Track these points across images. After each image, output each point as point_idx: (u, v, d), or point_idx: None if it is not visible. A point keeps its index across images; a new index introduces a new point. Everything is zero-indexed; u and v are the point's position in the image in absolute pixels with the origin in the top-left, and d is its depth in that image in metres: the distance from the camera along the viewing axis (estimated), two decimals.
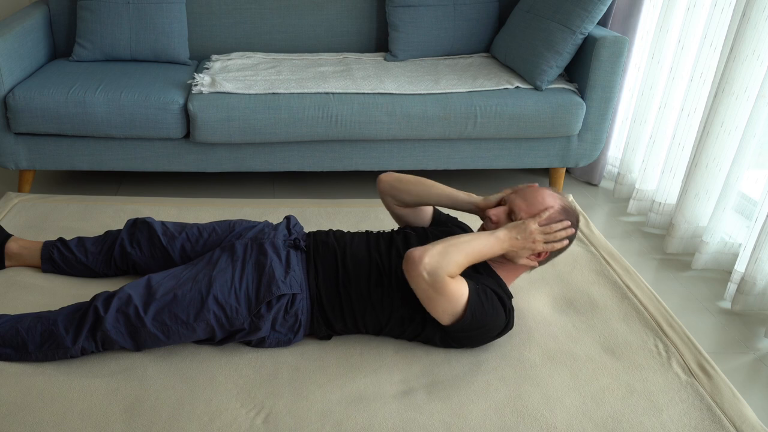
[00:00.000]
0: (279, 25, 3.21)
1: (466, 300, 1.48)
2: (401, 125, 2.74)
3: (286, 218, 1.83)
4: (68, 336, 1.49)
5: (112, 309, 1.50)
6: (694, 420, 1.45)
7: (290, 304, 1.57)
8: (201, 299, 1.53)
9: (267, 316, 1.54)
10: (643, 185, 2.93)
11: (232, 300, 1.53)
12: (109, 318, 1.49)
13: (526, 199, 1.62)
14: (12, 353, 1.49)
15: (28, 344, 1.49)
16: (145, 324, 1.50)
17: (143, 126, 2.65)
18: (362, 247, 1.68)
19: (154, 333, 1.51)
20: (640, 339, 1.70)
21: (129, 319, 1.50)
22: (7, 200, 2.22)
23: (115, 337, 1.50)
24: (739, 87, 2.34)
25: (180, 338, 1.53)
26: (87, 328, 1.49)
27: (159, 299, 1.52)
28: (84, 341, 1.49)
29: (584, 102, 2.83)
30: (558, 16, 2.80)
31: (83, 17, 2.92)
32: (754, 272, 2.26)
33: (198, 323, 1.52)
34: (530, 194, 1.62)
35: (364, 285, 1.60)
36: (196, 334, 1.53)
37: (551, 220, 1.59)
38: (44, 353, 1.49)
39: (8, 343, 1.49)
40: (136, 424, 1.36)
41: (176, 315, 1.51)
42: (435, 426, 1.39)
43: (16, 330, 1.50)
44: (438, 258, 1.44)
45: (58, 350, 1.49)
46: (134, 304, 1.51)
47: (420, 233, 1.75)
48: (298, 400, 1.44)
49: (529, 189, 1.65)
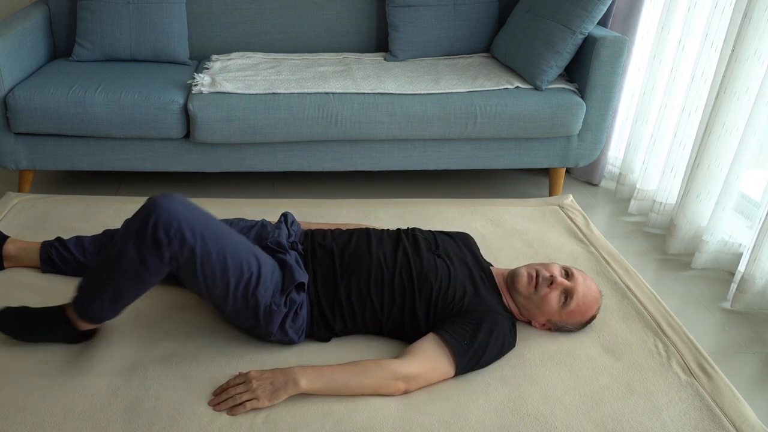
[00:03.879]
0: (279, 25, 3.21)
1: (455, 368, 1.50)
2: (401, 125, 2.74)
3: (283, 215, 1.81)
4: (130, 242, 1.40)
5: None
6: (694, 420, 1.45)
7: (300, 307, 1.57)
8: (251, 253, 1.49)
9: (281, 311, 1.53)
10: (644, 185, 2.93)
11: (267, 274, 1.51)
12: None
13: (583, 299, 1.65)
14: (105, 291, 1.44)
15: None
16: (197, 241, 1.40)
17: (143, 126, 2.65)
18: (363, 244, 1.68)
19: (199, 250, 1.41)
20: (640, 339, 1.70)
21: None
22: (7, 200, 2.22)
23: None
24: (740, 87, 2.34)
25: (212, 278, 1.44)
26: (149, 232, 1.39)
27: (215, 232, 1.45)
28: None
29: (584, 102, 2.83)
30: (558, 16, 2.80)
31: (83, 17, 2.92)
32: (754, 271, 2.26)
33: (233, 273, 1.45)
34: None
35: (364, 282, 1.60)
36: (225, 284, 1.46)
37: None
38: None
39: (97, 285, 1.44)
40: (136, 424, 1.36)
41: (224, 253, 1.44)
42: (435, 426, 1.39)
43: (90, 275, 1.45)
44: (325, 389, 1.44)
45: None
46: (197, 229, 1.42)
47: (428, 236, 1.76)
48: (298, 400, 1.44)
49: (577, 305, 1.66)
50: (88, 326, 1.52)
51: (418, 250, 1.68)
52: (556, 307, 1.63)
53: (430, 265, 1.63)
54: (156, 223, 1.37)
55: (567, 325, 1.67)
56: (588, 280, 1.68)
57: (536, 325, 1.70)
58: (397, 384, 1.45)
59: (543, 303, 1.63)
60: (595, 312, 1.69)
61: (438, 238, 1.77)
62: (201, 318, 1.69)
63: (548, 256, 2.04)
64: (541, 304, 1.63)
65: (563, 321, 1.66)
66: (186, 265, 1.42)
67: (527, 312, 1.68)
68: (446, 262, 1.66)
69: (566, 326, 1.68)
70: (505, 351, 1.60)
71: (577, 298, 1.63)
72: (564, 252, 2.09)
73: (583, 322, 1.69)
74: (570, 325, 1.67)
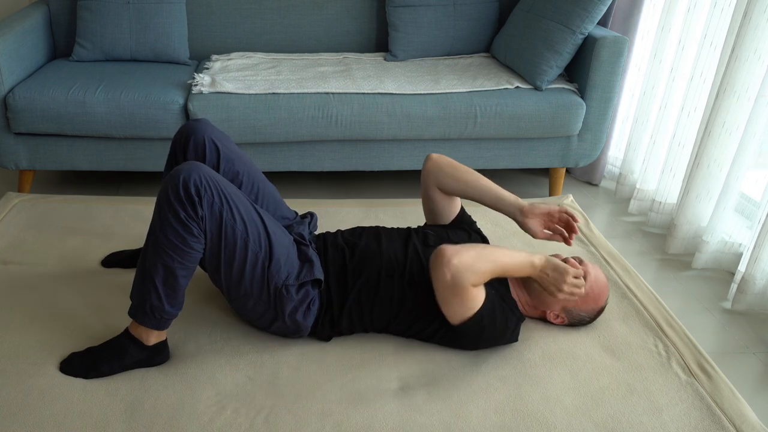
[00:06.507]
0: (279, 25, 3.21)
1: (479, 308, 1.51)
2: (401, 125, 2.74)
3: (309, 214, 1.83)
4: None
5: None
6: (694, 420, 1.45)
7: (312, 302, 1.57)
8: (264, 227, 1.50)
9: (293, 297, 1.53)
10: (644, 185, 2.93)
11: (283, 254, 1.52)
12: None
13: (596, 281, 1.66)
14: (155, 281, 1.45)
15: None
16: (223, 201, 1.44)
17: (143, 126, 2.65)
18: (373, 242, 1.68)
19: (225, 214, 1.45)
20: (640, 339, 1.70)
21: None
22: (7, 200, 2.22)
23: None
24: (740, 87, 2.34)
25: (232, 248, 1.47)
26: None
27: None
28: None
29: (584, 102, 2.83)
30: (558, 16, 2.80)
31: (83, 17, 2.92)
32: (754, 271, 2.26)
33: (251, 247, 1.48)
34: (599, 288, 1.66)
35: (374, 279, 1.60)
36: (244, 246, 1.48)
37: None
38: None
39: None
40: (136, 424, 1.36)
41: (241, 215, 1.47)
42: (435, 426, 1.39)
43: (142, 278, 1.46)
44: (467, 263, 1.44)
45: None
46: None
47: (440, 233, 1.76)
48: (298, 400, 1.44)
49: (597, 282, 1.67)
50: (154, 336, 1.50)
51: (428, 247, 1.69)
52: None
53: None
54: (187, 179, 1.40)
55: (581, 312, 1.67)
56: (596, 266, 1.70)
57: (551, 316, 1.69)
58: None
59: None
60: (606, 299, 1.70)
61: (452, 235, 1.77)
62: (201, 318, 1.69)
63: None
64: None
65: (578, 307, 1.66)
66: (213, 227, 1.43)
67: (541, 301, 1.67)
68: None
69: (580, 314, 1.68)
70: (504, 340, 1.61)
71: (590, 280, 1.64)
72: (564, 252, 2.09)
73: (596, 309, 1.69)
74: (584, 312, 1.67)
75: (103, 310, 1.69)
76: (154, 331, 1.50)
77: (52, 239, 2.01)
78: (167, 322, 1.50)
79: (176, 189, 1.40)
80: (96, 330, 1.61)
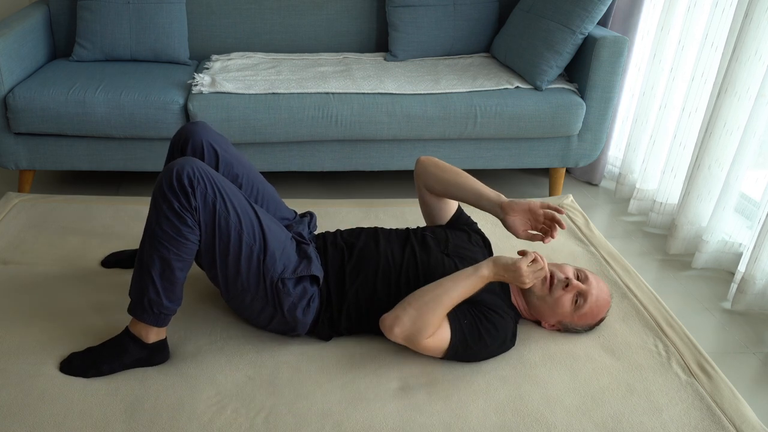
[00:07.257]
0: (279, 25, 3.21)
1: (449, 342, 1.52)
2: (401, 125, 2.74)
3: (308, 213, 1.83)
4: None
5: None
6: (694, 420, 1.45)
7: (312, 299, 1.57)
8: (258, 220, 1.52)
9: (290, 293, 1.53)
10: (644, 185, 2.93)
11: (278, 247, 1.53)
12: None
13: (596, 302, 1.64)
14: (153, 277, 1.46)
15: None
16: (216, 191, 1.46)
17: (143, 126, 2.65)
18: (371, 242, 1.68)
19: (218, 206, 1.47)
20: (640, 339, 1.70)
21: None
22: (7, 200, 2.22)
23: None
24: (741, 87, 2.34)
25: (227, 241, 1.48)
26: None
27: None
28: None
29: (584, 102, 2.83)
30: (558, 16, 2.80)
31: (83, 17, 2.92)
32: (754, 271, 2.26)
33: (246, 240, 1.49)
34: (599, 299, 1.65)
35: (371, 279, 1.60)
36: (239, 235, 1.49)
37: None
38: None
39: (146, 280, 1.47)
40: (136, 424, 1.36)
41: (235, 208, 1.48)
42: (435, 426, 1.39)
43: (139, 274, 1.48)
44: (408, 328, 1.48)
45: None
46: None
47: (439, 235, 1.75)
48: (298, 400, 1.44)
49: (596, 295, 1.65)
50: (153, 333, 1.50)
51: (426, 249, 1.68)
52: (570, 310, 1.63)
53: (437, 263, 1.64)
54: (180, 171, 1.42)
55: (577, 326, 1.67)
56: (600, 283, 1.68)
57: (545, 325, 1.70)
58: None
59: (557, 305, 1.63)
60: (604, 314, 1.69)
61: (451, 236, 1.76)
62: (200, 318, 1.69)
63: (548, 256, 2.04)
64: (555, 306, 1.63)
65: (574, 323, 1.66)
66: (206, 218, 1.45)
67: (538, 312, 1.68)
68: (454, 261, 1.66)
69: (575, 327, 1.68)
70: (501, 352, 1.60)
71: (591, 301, 1.63)
72: (564, 252, 2.09)
73: (592, 324, 1.69)
74: (580, 326, 1.68)
75: (103, 310, 1.69)
76: (153, 328, 1.50)
77: (52, 239, 2.01)
78: (166, 318, 1.50)
79: (170, 180, 1.42)
80: (96, 330, 1.61)
